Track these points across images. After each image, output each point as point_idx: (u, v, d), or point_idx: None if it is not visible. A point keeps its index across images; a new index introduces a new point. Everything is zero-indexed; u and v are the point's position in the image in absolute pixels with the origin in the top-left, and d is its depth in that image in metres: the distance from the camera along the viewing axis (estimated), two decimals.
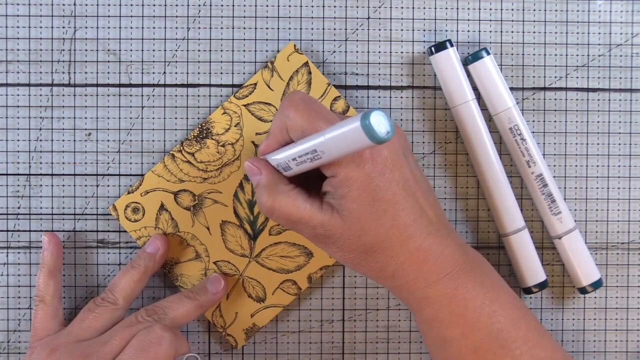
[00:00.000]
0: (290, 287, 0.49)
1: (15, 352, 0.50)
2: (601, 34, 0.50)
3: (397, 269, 0.42)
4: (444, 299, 0.42)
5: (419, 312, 0.43)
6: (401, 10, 0.50)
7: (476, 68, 0.48)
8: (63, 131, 0.50)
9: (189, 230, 0.49)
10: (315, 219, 0.42)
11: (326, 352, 0.51)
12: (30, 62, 0.50)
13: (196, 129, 0.49)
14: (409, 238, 0.42)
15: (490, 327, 0.42)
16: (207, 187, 0.49)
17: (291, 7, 0.50)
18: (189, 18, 0.50)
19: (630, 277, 0.51)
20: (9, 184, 0.50)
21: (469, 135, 0.48)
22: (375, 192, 0.41)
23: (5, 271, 0.50)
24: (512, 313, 0.43)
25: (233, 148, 0.49)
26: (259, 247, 0.49)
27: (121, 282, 0.47)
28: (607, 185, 0.51)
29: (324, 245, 0.43)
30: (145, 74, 0.50)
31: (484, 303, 0.42)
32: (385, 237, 0.41)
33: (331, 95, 0.49)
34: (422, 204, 0.42)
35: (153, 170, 0.49)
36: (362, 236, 0.41)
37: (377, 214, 0.41)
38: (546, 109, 0.50)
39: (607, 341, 0.51)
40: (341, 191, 0.41)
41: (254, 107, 0.49)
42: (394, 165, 0.41)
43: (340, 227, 0.41)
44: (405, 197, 0.42)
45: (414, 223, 0.42)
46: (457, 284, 0.42)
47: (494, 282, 0.44)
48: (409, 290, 0.43)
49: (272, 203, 0.42)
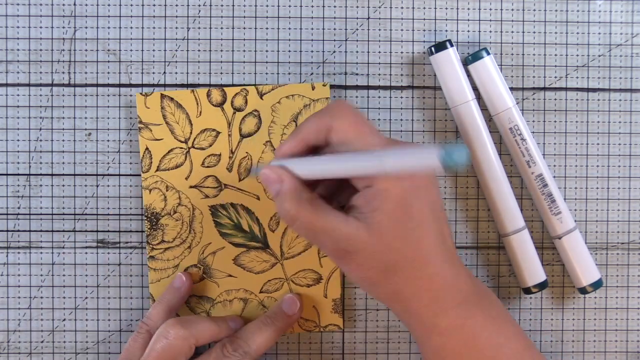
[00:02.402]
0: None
1: (15, 352, 0.50)
2: (601, 34, 0.50)
3: (414, 292, 0.41)
4: (453, 329, 0.42)
5: (427, 340, 0.43)
6: (401, 10, 0.50)
7: (476, 68, 0.49)
8: (63, 131, 0.50)
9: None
10: (340, 230, 0.40)
11: (326, 352, 0.51)
12: (30, 62, 0.50)
13: (146, 223, 0.49)
14: (430, 262, 0.41)
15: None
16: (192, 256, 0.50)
17: (291, 7, 0.50)
18: (189, 18, 0.50)
19: (630, 277, 0.51)
20: (9, 184, 0.50)
21: (469, 135, 0.49)
22: (408, 209, 0.40)
23: (6, 271, 0.50)
24: (517, 345, 0.43)
25: (187, 208, 0.49)
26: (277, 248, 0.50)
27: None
28: (607, 185, 0.51)
29: (343, 261, 0.41)
30: (145, 74, 0.50)
31: (491, 335, 0.42)
32: (409, 258, 0.41)
33: (202, 94, 0.49)
34: (443, 230, 0.42)
35: None
36: (386, 253, 0.40)
37: (405, 232, 0.40)
38: (546, 109, 0.50)
39: (607, 341, 0.51)
40: (375, 203, 0.40)
41: (167, 163, 0.49)
42: (427, 187, 0.41)
43: (365, 241, 0.40)
44: (432, 220, 0.41)
45: (436, 248, 0.41)
46: (467, 314, 0.42)
47: (500, 314, 0.43)
48: (420, 317, 0.42)
49: (296, 211, 0.41)
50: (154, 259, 0.49)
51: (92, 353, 0.50)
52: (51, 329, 0.50)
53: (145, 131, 0.49)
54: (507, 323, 0.43)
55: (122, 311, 0.50)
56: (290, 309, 0.48)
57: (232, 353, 0.46)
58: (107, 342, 0.50)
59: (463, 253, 0.51)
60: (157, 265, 0.49)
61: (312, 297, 0.49)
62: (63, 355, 0.50)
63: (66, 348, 0.50)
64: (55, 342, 0.50)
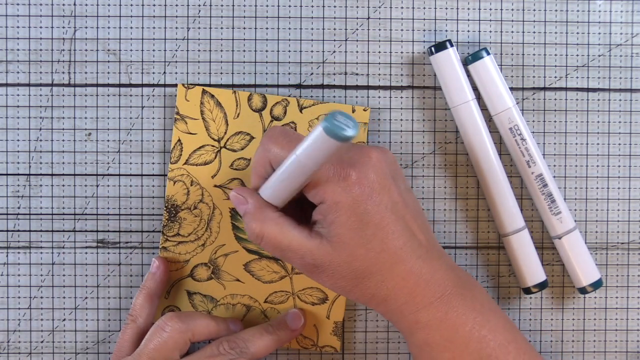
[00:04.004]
0: None
1: (15, 352, 0.50)
2: (601, 34, 0.50)
3: (389, 293, 0.42)
4: (434, 323, 0.42)
5: (410, 336, 0.43)
6: (401, 10, 0.50)
7: (476, 68, 0.49)
8: (63, 131, 0.50)
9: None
10: (304, 246, 0.42)
11: (326, 352, 0.51)
12: (30, 62, 0.50)
13: (165, 214, 0.49)
14: (399, 262, 0.42)
15: (480, 352, 0.42)
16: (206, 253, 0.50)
17: (291, 7, 0.50)
18: (189, 18, 0.50)
19: (630, 277, 0.51)
20: (9, 184, 0.50)
21: (469, 135, 0.49)
22: (364, 215, 0.41)
23: (5, 271, 0.50)
24: (502, 337, 0.43)
25: (208, 207, 0.49)
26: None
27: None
28: (607, 185, 0.51)
29: (313, 275, 0.43)
30: (145, 74, 0.50)
31: (474, 327, 0.42)
32: (375, 262, 0.41)
33: (243, 97, 0.49)
34: (411, 227, 0.43)
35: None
36: (352, 262, 0.41)
37: (366, 238, 0.41)
38: (546, 109, 0.50)
39: (607, 341, 0.51)
40: (330, 217, 0.41)
41: (196, 159, 0.49)
42: (382, 189, 0.42)
43: (329, 254, 0.41)
44: (394, 220, 0.42)
45: (404, 246, 0.42)
46: (447, 307, 0.42)
47: (484, 305, 0.43)
48: (401, 314, 0.43)
49: (261, 230, 0.42)
50: (165, 250, 0.49)
51: (92, 353, 0.50)
52: (51, 329, 0.50)
53: (181, 123, 0.49)
54: (491, 314, 0.43)
55: (122, 311, 0.50)
56: (293, 322, 0.49)
57: (229, 351, 0.46)
58: (107, 342, 0.50)
59: (463, 253, 0.51)
60: (168, 256, 0.49)
61: (315, 315, 0.50)
62: (63, 355, 0.50)
63: (66, 348, 0.50)
64: (55, 342, 0.50)
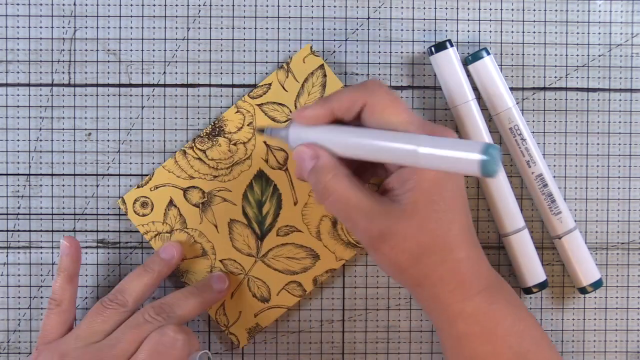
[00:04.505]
0: (295, 288, 0.49)
1: (15, 352, 0.50)
2: (601, 34, 0.50)
3: (442, 276, 0.41)
4: (479, 314, 0.42)
5: (451, 327, 0.42)
6: (401, 10, 0.50)
7: (476, 68, 0.49)
8: (63, 131, 0.50)
9: (197, 227, 0.49)
10: (375, 208, 0.40)
11: (326, 352, 0.51)
12: (30, 62, 0.50)
13: (209, 127, 0.49)
14: (460, 245, 0.41)
15: (519, 347, 0.42)
16: (217, 185, 0.49)
17: (291, 7, 0.50)
18: (189, 18, 0.50)
19: (630, 277, 0.51)
20: (9, 184, 0.50)
21: (469, 136, 0.48)
22: (443, 192, 0.40)
23: (5, 271, 0.50)
24: (536, 334, 0.43)
25: (245, 147, 0.49)
26: (266, 247, 0.49)
27: (132, 284, 0.46)
28: (607, 185, 0.51)
29: (376, 243, 0.41)
30: (145, 74, 0.50)
31: (514, 322, 0.42)
32: (440, 240, 0.40)
33: None
34: (469, 217, 0.43)
35: (164, 165, 0.49)
36: (419, 235, 0.40)
37: (439, 214, 0.40)
38: (546, 109, 0.50)
39: (607, 341, 0.51)
40: (410, 183, 0.40)
41: (268, 107, 0.49)
42: (459, 175, 0.42)
43: (399, 221, 0.40)
44: (462, 206, 0.42)
45: (467, 232, 0.42)
46: (491, 300, 0.42)
47: (518, 301, 0.44)
48: (446, 302, 0.42)
49: (333, 184, 0.40)
50: None
51: None
52: None
53: (282, 73, 0.49)
54: (525, 311, 0.44)
55: None
56: (218, 284, 0.48)
57: (155, 317, 0.45)
58: None
59: None
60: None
61: (252, 306, 0.49)
62: None
63: None
64: None
